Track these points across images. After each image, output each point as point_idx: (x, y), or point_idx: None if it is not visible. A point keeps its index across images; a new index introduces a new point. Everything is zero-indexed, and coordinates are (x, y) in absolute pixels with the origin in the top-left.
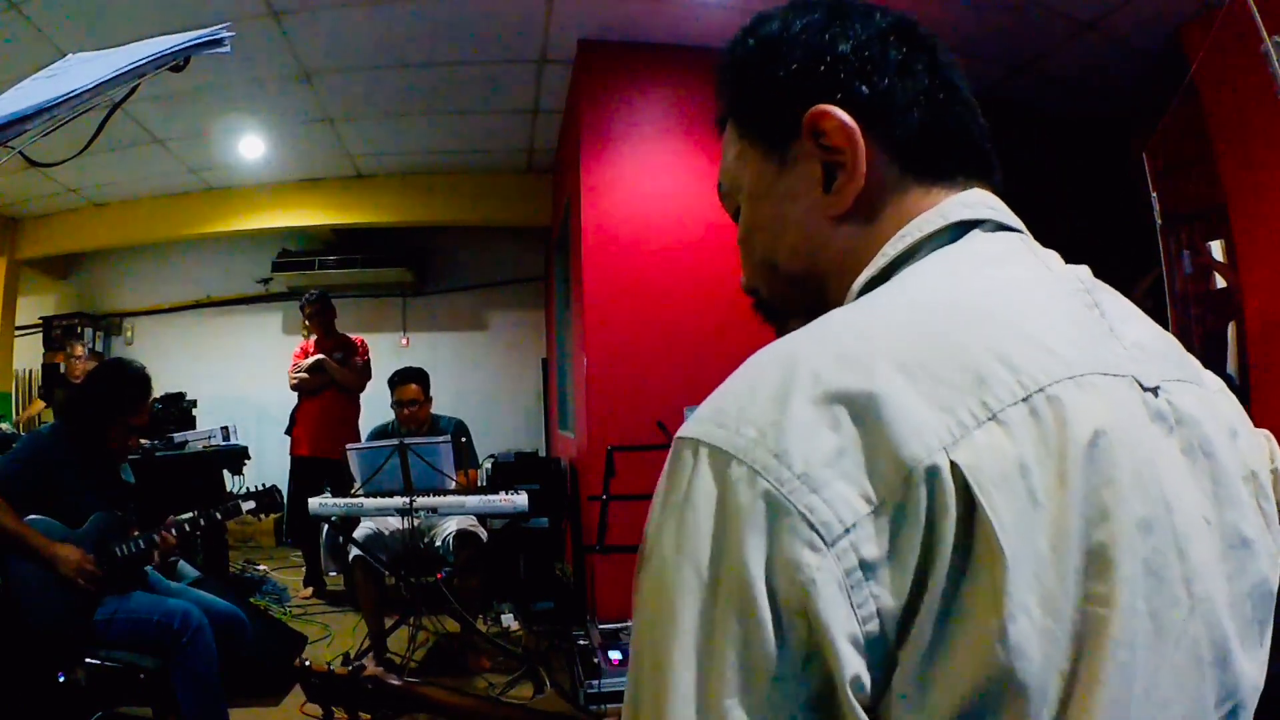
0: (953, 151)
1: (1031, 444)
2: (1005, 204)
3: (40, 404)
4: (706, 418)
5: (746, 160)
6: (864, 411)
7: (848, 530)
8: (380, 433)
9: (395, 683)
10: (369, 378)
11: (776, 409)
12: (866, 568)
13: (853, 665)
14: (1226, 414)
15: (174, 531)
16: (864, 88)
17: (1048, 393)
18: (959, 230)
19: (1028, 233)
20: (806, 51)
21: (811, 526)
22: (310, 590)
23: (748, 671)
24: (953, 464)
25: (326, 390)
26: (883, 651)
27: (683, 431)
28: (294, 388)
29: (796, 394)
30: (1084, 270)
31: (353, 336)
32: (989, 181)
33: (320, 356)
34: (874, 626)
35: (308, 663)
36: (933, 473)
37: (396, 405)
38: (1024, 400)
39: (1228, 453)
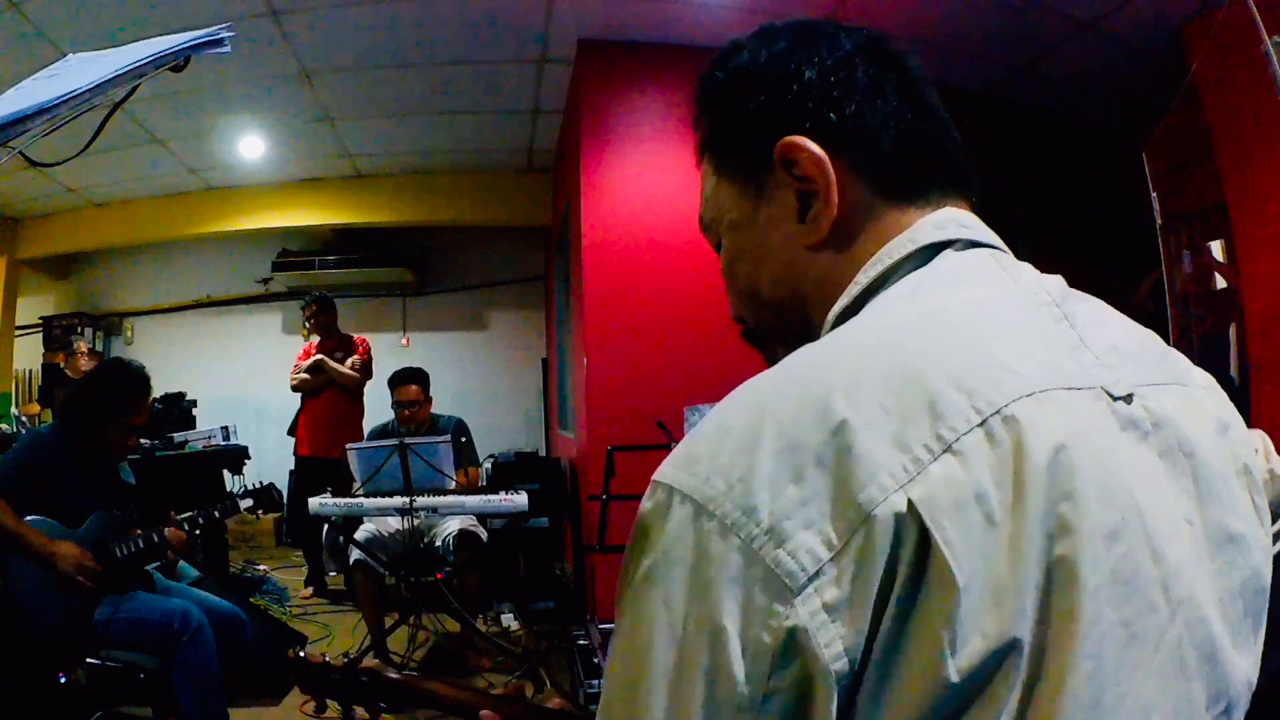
0: (926, 170)
1: (988, 468)
2: (982, 219)
3: (37, 407)
4: (681, 463)
5: (724, 192)
6: (824, 459)
7: (811, 578)
8: (380, 432)
9: (393, 675)
10: (369, 376)
11: (744, 461)
12: (830, 610)
13: (823, 704)
14: (1214, 410)
15: (185, 527)
16: (832, 114)
17: (1004, 413)
18: (930, 253)
19: (1002, 247)
20: (774, 82)
21: (779, 579)
22: (310, 590)
23: (714, 704)
24: (908, 501)
25: (326, 390)
26: (849, 685)
27: (658, 475)
28: (294, 389)
29: (762, 445)
30: (1055, 281)
31: (355, 336)
32: (965, 196)
33: (319, 357)
34: (841, 665)
35: (302, 654)
36: (889, 513)
37: (396, 406)
38: (980, 424)
39: (1215, 449)
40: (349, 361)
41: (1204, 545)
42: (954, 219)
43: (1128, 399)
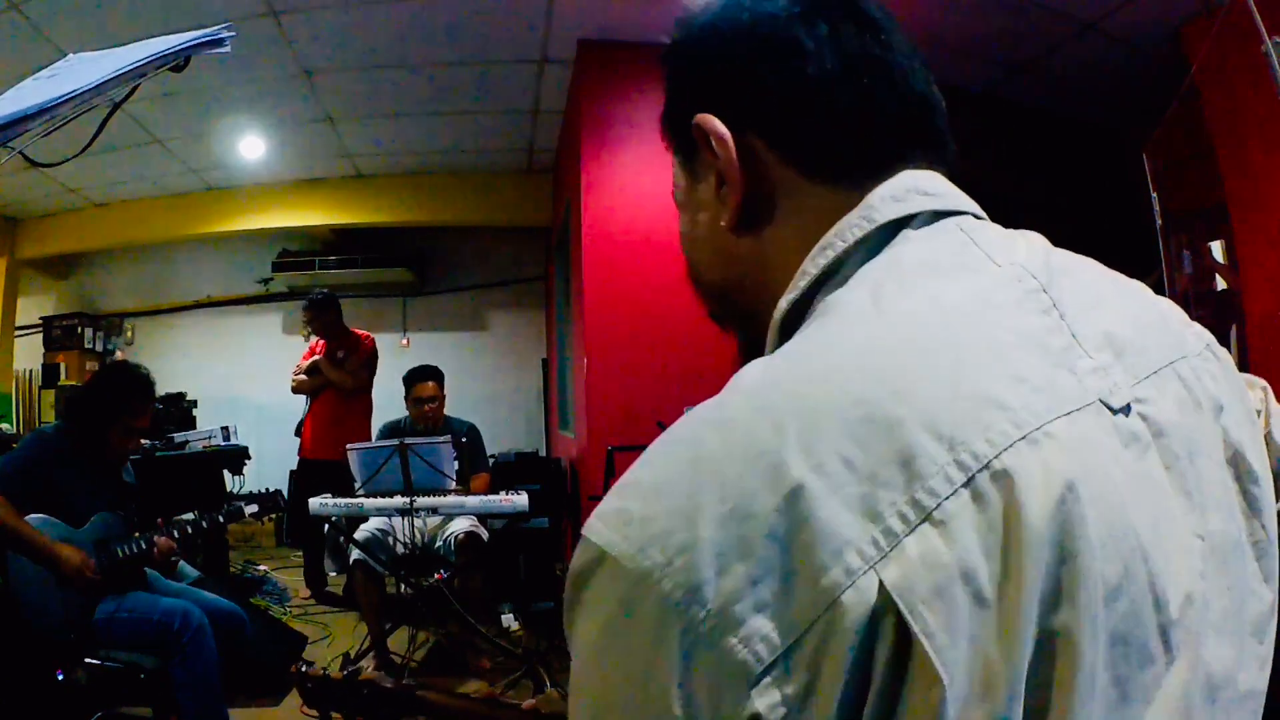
0: (868, 139)
1: (978, 537)
2: (954, 183)
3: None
4: (612, 520)
5: (676, 170)
6: (777, 531)
7: (768, 670)
8: (392, 429)
9: (389, 686)
10: (369, 374)
11: (685, 530)
12: (789, 704)
13: None
14: (1210, 388)
15: (175, 534)
16: (743, 86)
17: (993, 467)
18: (888, 232)
19: (974, 210)
20: (702, 53)
21: (731, 670)
22: (309, 591)
23: None
24: (880, 585)
25: (326, 391)
26: None
27: (588, 529)
28: (294, 391)
29: (704, 510)
30: (1037, 251)
31: (360, 334)
32: (932, 152)
33: (316, 359)
34: None
35: (304, 667)
36: (857, 598)
37: (414, 403)
38: (965, 484)
39: (1210, 441)
40: (349, 361)
41: (1213, 560)
42: (914, 186)
43: (1125, 410)
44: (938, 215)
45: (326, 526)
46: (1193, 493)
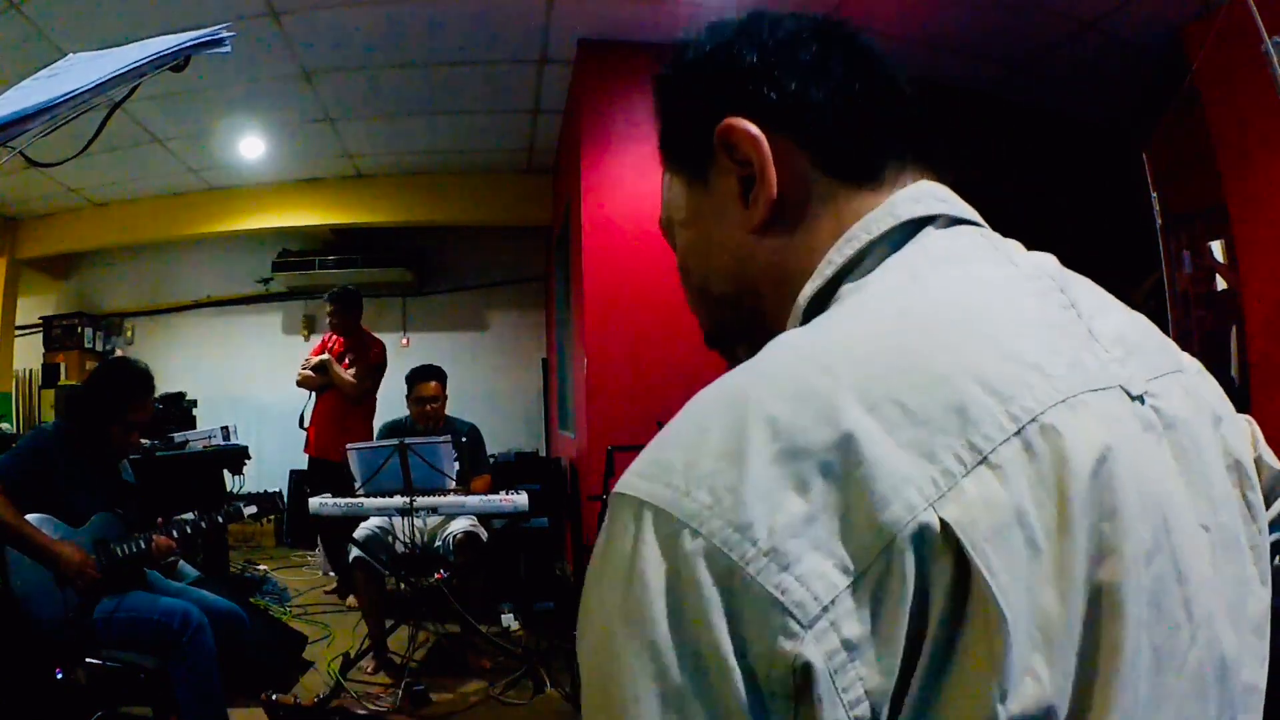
0: (881, 145)
1: (1028, 485)
2: (959, 195)
3: None
4: (649, 472)
5: (676, 190)
6: (834, 468)
7: (826, 609)
8: (392, 427)
9: (361, 714)
10: (372, 383)
11: (732, 469)
12: (850, 647)
13: None
14: (1209, 400)
15: (175, 534)
16: (772, 94)
17: (1041, 421)
18: (910, 229)
19: (985, 224)
20: (715, 69)
21: (785, 610)
22: (334, 586)
23: None
24: (942, 522)
25: (331, 389)
26: None
27: (623, 486)
28: (299, 384)
29: (754, 449)
30: (1050, 260)
31: (370, 339)
32: (934, 170)
33: (324, 357)
34: (863, 710)
35: (274, 696)
36: (919, 536)
37: (417, 402)
38: (1016, 434)
39: (1213, 446)
40: (352, 370)
41: (1220, 553)
42: (931, 193)
43: (1142, 399)
44: (954, 221)
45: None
46: (1198, 485)
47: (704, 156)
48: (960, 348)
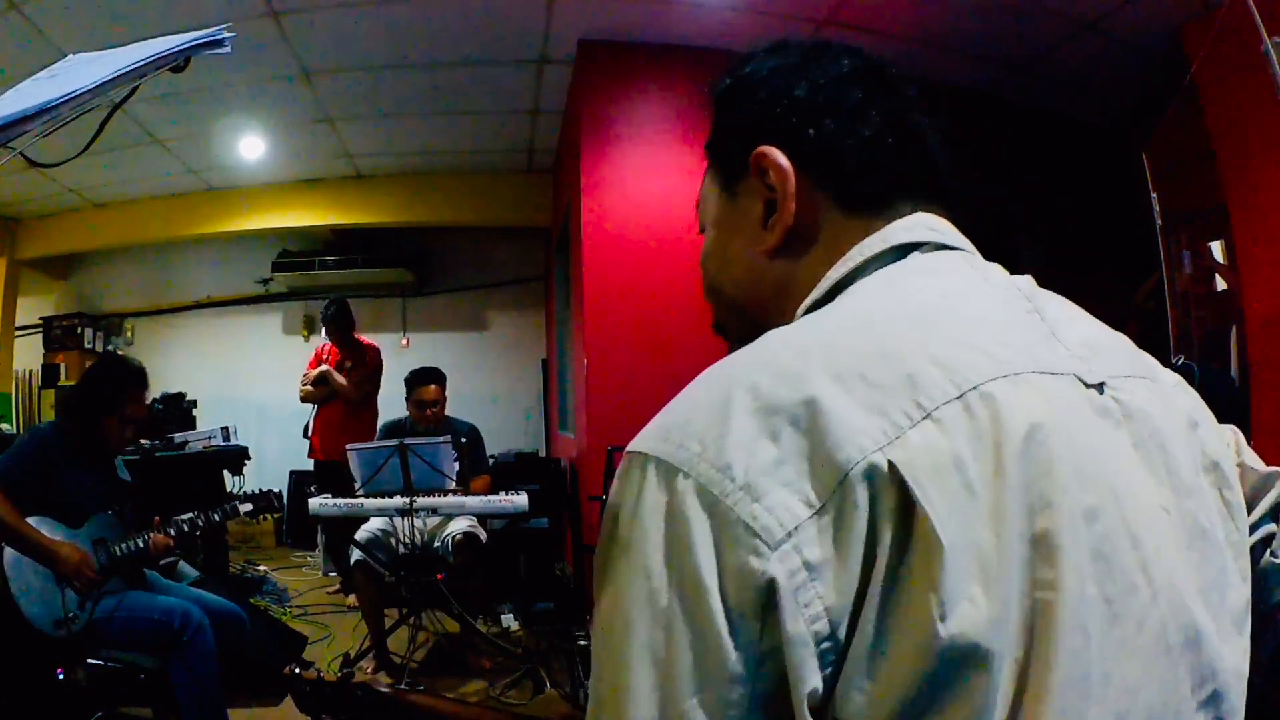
0: (896, 188)
1: (966, 439)
2: (983, 221)
3: None
4: (653, 433)
5: (711, 189)
6: (800, 420)
7: (790, 534)
8: (391, 428)
9: (384, 690)
10: (373, 386)
11: (718, 423)
12: (810, 568)
13: (803, 664)
14: (1184, 407)
15: (172, 533)
16: (810, 130)
17: (981, 390)
18: (900, 253)
19: (971, 250)
20: (766, 94)
21: (755, 534)
22: (337, 586)
23: (704, 674)
24: (889, 463)
25: (334, 398)
26: (831, 649)
27: (632, 445)
28: (303, 400)
29: (736, 408)
30: (1025, 280)
31: (366, 343)
32: (943, 205)
33: (324, 368)
34: (821, 626)
35: (296, 670)
36: (869, 473)
37: (416, 405)
38: (957, 398)
39: (1185, 444)
40: (351, 376)
41: (1181, 535)
42: (923, 223)
43: (1099, 388)
44: (942, 247)
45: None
46: (1159, 472)
47: (739, 170)
48: (917, 335)
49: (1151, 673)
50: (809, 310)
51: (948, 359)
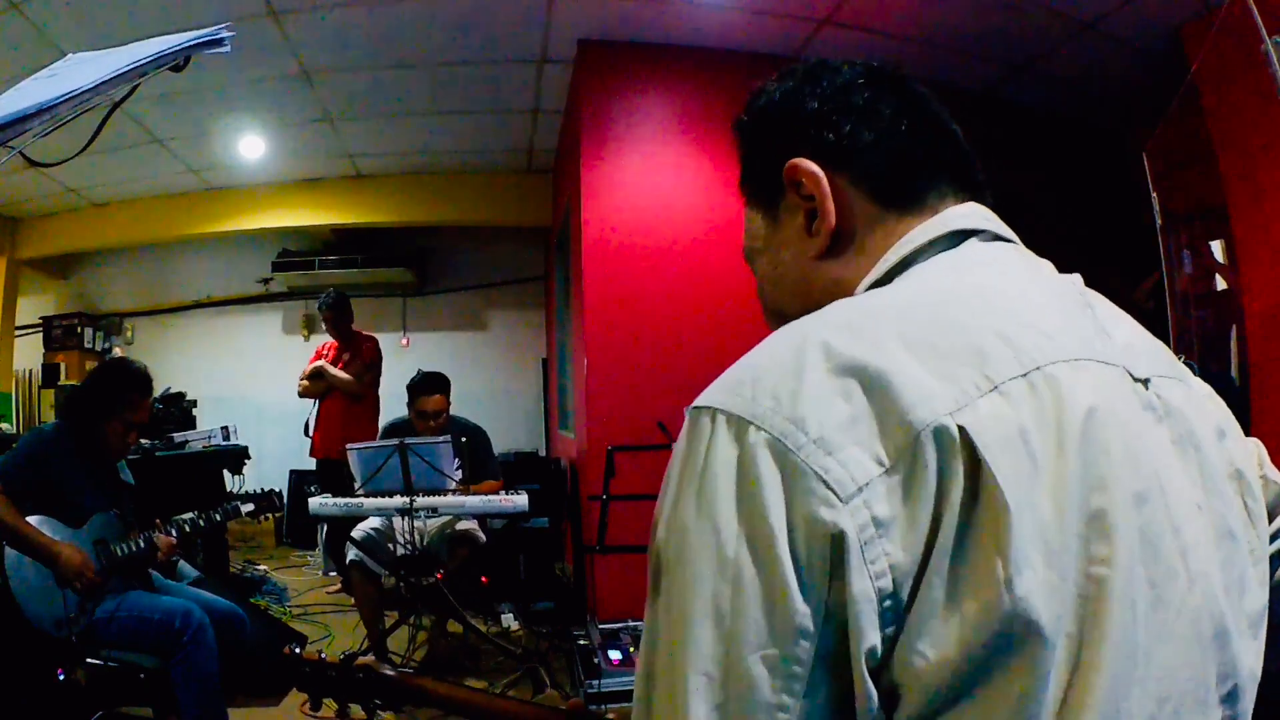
0: (928, 177)
1: (1030, 413)
2: (999, 216)
3: None
4: (723, 388)
5: (755, 221)
6: (874, 382)
7: (861, 489)
8: (394, 428)
9: (388, 672)
10: (371, 378)
11: (792, 379)
12: (879, 524)
13: (865, 619)
14: (1214, 415)
15: (174, 533)
16: (829, 135)
17: (1045, 370)
18: (957, 238)
19: (1021, 244)
20: (782, 115)
21: (827, 486)
22: (338, 587)
23: (770, 628)
24: (960, 427)
25: (334, 392)
26: (892, 608)
27: (699, 401)
28: (301, 395)
29: (810, 366)
30: (1076, 278)
31: (363, 337)
32: (979, 198)
33: (319, 364)
34: (886, 583)
35: (297, 650)
36: (940, 435)
37: (419, 415)
38: (1023, 375)
39: (1214, 450)
40: (351, 368)
41: (1211, 533)
42: (978, 213)
43: (1145, 383)
44: (998, 238)
45: (323, 527)
46: (1193, 471)
47: (776, 193)
48: (985, 313)
49: (1187, 659)
50: (871, 288)
51: (1014, 337)
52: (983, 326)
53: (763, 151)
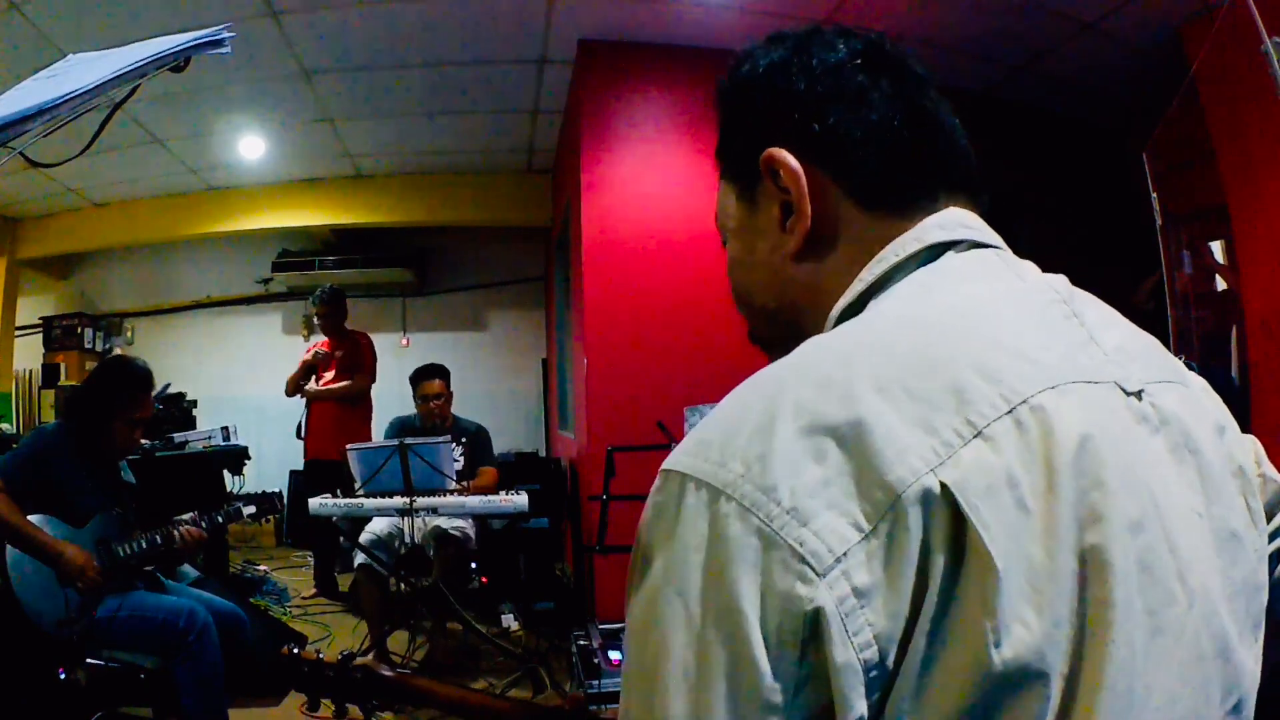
0: (918, 178)
1: (1018, 455)
2: (998, 216)
3: None
4: (692, 450)
5: (728, 198)
6: (847, 439)
7: (839, 560)
8: (401, 424)
9: (386, 673)
10: (365, 375)
11: (761, 442)
12: (860, 594)
13: (851, 691)
14: (1212, 412)
15: (176, 533)
16: (815, 125)
17: (1030, 403)
18: (934, 252)
19: (1005, 248)
20: (766, 93)
21: (802, 559)
22: (315, 590)
23: (737, 702)
24: (941, 484)
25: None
26: (879, 676)
27: (669, 464)
28: (288, 394)
29: (780, 426)
30: (1060, 280)
31: (358, 334)
32: (969, 196)
33: (310, 355)
34: (871, 654)
35: (295, 649)
36: (921, 496)
37: (422, 400)
38: (1008, 413)
39: (1214, 449)
40: (344, 382)
41: (1211, 540)
42: (958, 220)
43: (1138, 395)
44: (977, 245)
45: (342, 538)
46: (1192, 477)
47: (752, 175)
48: (959, 342)
49: (1188, 682)
50: (844, 312)
51: (993, 368)
52: (959, 360)
53: (742, 129)
